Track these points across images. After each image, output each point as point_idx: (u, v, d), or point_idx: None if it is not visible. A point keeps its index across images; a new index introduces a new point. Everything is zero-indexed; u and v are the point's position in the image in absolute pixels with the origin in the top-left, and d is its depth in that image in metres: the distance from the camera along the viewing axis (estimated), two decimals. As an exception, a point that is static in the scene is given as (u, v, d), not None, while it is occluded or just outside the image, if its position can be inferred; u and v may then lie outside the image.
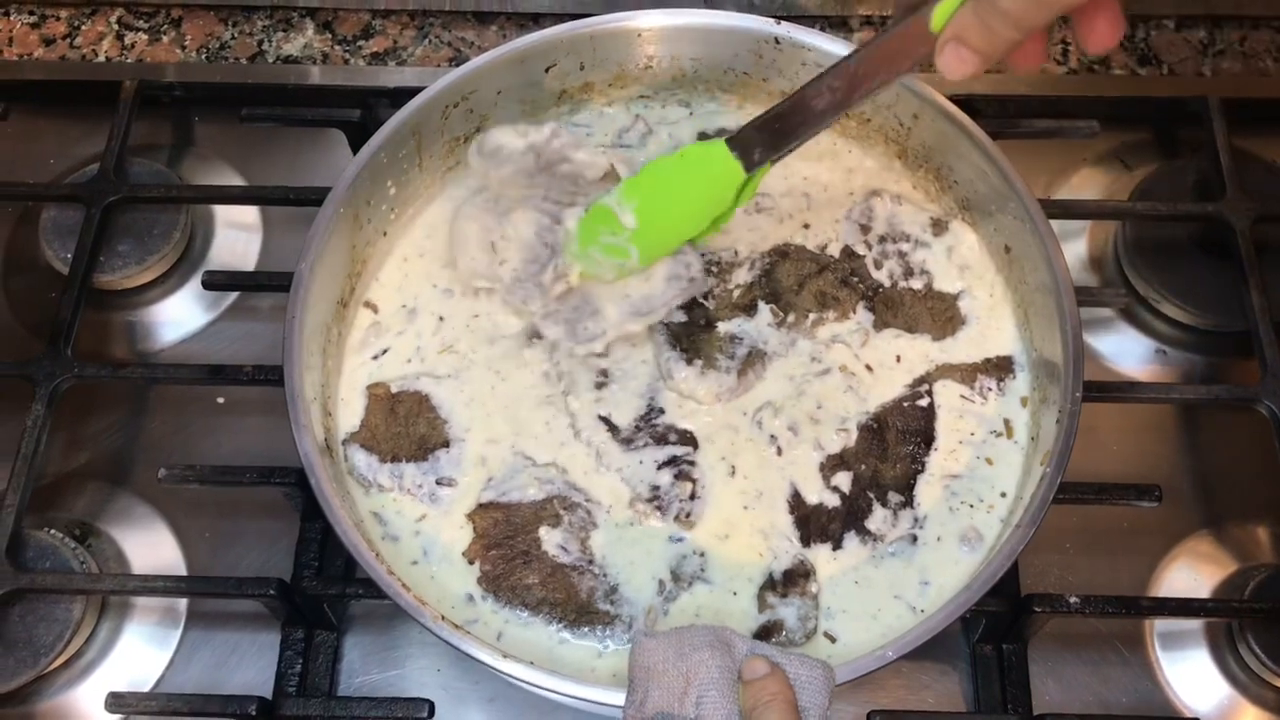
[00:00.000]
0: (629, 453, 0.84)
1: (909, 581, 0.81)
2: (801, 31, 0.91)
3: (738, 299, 0.90)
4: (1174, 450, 0.99)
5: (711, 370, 0.86)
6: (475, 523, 0.82)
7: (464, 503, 0.83)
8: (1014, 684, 0.87)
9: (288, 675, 0.87)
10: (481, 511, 0.82)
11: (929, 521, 0.83)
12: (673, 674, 0.66)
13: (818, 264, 0.91)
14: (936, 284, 0.91)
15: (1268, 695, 0.89)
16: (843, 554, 0.82)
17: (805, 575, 0.80)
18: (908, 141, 0.93)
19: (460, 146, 0.94)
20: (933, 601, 0.79)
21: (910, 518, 0.83)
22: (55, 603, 0.88)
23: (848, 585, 0.81)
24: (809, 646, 0.79)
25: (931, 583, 0.81)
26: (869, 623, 0.79)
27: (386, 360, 0.89)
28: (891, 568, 0.81)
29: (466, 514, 0.82)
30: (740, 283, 0.91)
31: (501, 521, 0.82)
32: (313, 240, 0.83)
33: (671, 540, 0.82)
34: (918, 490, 0.84)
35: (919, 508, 0.83)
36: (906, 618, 0.79)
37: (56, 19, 1.20)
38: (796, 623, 0.79)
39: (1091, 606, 0.84)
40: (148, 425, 1.00)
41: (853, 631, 0.79)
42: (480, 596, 0.80)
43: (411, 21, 1.20)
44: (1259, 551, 0.94)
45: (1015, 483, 0.83)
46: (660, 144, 0.97)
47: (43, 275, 1.04)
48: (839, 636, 0.79)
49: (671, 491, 0.83)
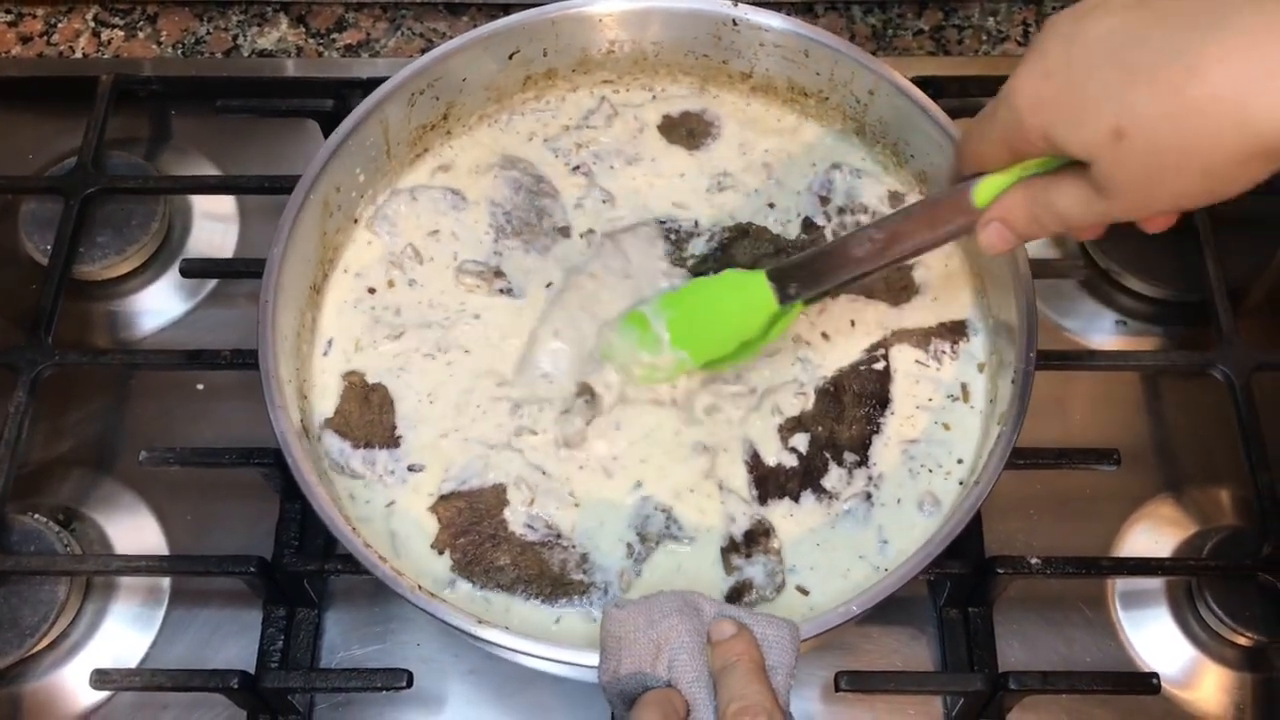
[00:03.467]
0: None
1: (869, 541, 0.83)
2: (757, 13, 0.93)
3: (691, 268, 0.92)
4: (1135, 418, 1.01)
5: None
6: (439, 514, 0.83)
7: (427, 495, 0.84)
8: (980, 646, 0.89)
9: (270, 652, 0.89)
10: (444, 502, 0.84)
11: (885, 482, 0.85)
12: (643, 641, 0.68)
13: (775, 245, 0.93)
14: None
15: (1227, 652, 0.91)
16: (800, 511, 0.84)
17: (765, 533, 0.82)
18: (865, 117, 0.95)
19: (428, 134, 0.96)
20: (893, 561, 0.81)
21: (864, 476, 0.85)
22: (40, 585, 0.90)
23: (809, 546, 0.83)
24: (782, 600, 0.80)
25: (891, 543, 0.82)
26: (840, 581, 0.81)
27: (346, 350, 0.90)
28: (848, 528, 0.83)
29: (428, 508, 0.83)
30: (696, 253, 0.93)
31: (465, 509, 0.83)
32: (283, 226, 0.85)
33: (632, 499, 0.83)
34: (873, 451, 0.86)
35: (874, 467, 0.85)
36: (874, 577, 0.81)
37: (33, 17, 1.22)
38: (765, 579, 0.81)
39: (1053, 567, 0.86)
40: (129, 412, 1.01)
41: (824, 585, 0.81)
42: (456, 582, 0.81)
43: (384, 14, 1.22)
44: (1218, 514, 0.96)
45: (973, 449, 0.85)
46: (626, 126, 0.99)
47: (23, 267, 1.06)
48: (811, 590, 0.81)
49: (576, 403, 0.85)
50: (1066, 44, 0.61)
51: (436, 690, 0.90)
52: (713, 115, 1.00)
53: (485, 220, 0.95)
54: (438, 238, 0.94)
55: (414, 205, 0.94)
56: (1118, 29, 0.59)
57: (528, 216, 0.95)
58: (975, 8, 1.22)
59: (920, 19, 1.21)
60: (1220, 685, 0.90)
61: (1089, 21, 0.60)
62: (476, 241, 0.94)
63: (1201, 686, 0.90)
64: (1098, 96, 0.59)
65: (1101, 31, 0.59)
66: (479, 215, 0.95)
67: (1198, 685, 0.90)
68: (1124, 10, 0.59)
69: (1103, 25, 0.60)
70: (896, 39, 1.20)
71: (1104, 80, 0.59)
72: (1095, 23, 0.60)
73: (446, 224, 0.94)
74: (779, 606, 0.80)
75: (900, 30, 1.21)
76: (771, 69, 0.97)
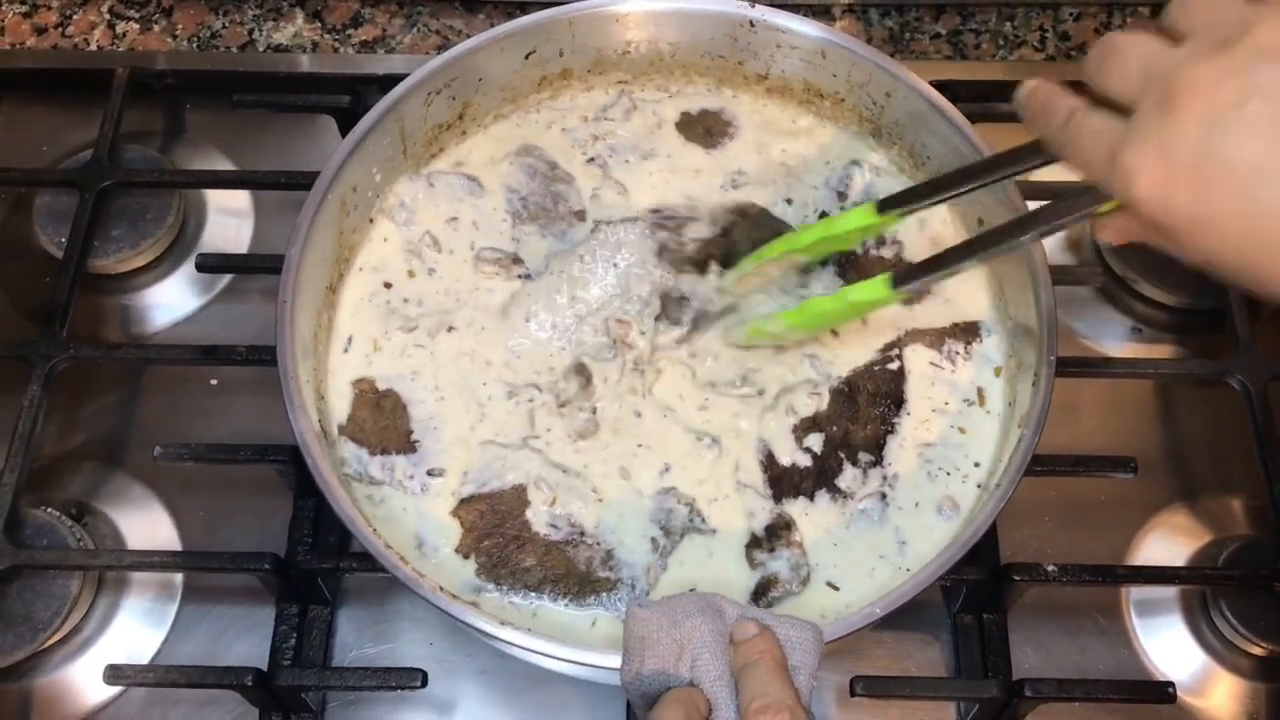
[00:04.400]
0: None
1: (887, 541, 0.83)
2: (775, 14, 0.93)
3: (690, 253, 0.91)
4: (1150, 426, 1.01)
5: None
6: (461, 518, 0.83)
7: (449, 498, 0.84)
8: (994, 652, 0.88)
9: (282, 649, 0.89)
10: (465, 506, 0.83)
11: (901, 483, 0.84)
12: (666, 641, 0.68)
13: (774, 230, 0.92)
14: (906, 254, 0.92)
15: (1241, 662, 0.91)
16: (815, 511, 0.84)
17: (787, 526, 0.82)
18: (881, 119, 0.95)
19: (444, 133, 0.96)
20: (915, 563, 0.81)
21: (879, 476, 0.85)
22: (53, 579, 0.90)
23: (827, 546, 0.82)
24: (812, 596, 0.80)
25: (910, 544, 0.82)
26: (867, 580, 0.81)
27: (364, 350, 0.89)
28: (864, 528, 0.83)
29: (450, 511, 0.83)
30: (696, 237, 0.92)
31: (487, 512, 0.83)
32: (301, 224, 0.84)
33: (653, 492, 0.83)
34: (888, 451, 0.86)
35: (889, 467, 0.85)
36: (899, 577, 0.81)
37: (48, 9, 1.22)
38: (790, 573, 0.80)
39: (1069, 575, 0.86)
40: (142, 407, 1.01)
41: (853, 582, 0.81)
42: (481, 587, 0.81)
43: (400, 10, 1.22)
44: (1233, 523, 0.96)
45: (991, 452, 0.85)
46: (644, 121, 0.99)
47: (37, 260, 1.06)
48: (841, 586, 0.81)
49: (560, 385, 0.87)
50: (1197, 159, 0.57)
51: (449, 689, 0.90)
52: (730, 115, 0.99)
53: (502, 207, 0.95)
54: (456, 225, 0.94)
55: (431, 192, 0.94)
56: (1261, 152, 0.55)
57: (544, 202, 0.95)
58: (992, 12, 1.21)
59: (937, 23, 1.21)
60: (1234, 695, 0.90)
61: (1232, 138, 0.56)
62: (494, 228, 0.94)
63: (1215, 695, 0.90)
64: (1224, 230, 0.57)
65: (1244, 155, 0.56)
66: (496, 203, 0.95)
67: (1212, 694, 0.90)
68: (1270, 128, 0.55)
69: (1245, 148, 0.56)
70: (914, 43, 1.20)
71: (1235, 214, 0.57)
72: (1238, 142, 0.56)
73: (465, 211, 0.94)
74: (808, 602, 0.80)
75: (917, 34, 1.20)
76: (788, 70, 0.96)
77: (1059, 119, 0.65)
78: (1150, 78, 0.59)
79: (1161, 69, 0.59)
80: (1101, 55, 0.62)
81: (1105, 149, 0.60)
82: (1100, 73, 0.62)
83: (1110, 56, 0.62)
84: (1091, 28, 1.21)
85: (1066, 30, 1.21)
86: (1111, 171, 0.60)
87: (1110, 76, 0.62)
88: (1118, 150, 0.59)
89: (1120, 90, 0.61)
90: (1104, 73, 0.62)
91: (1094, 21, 1.21)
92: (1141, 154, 0.58)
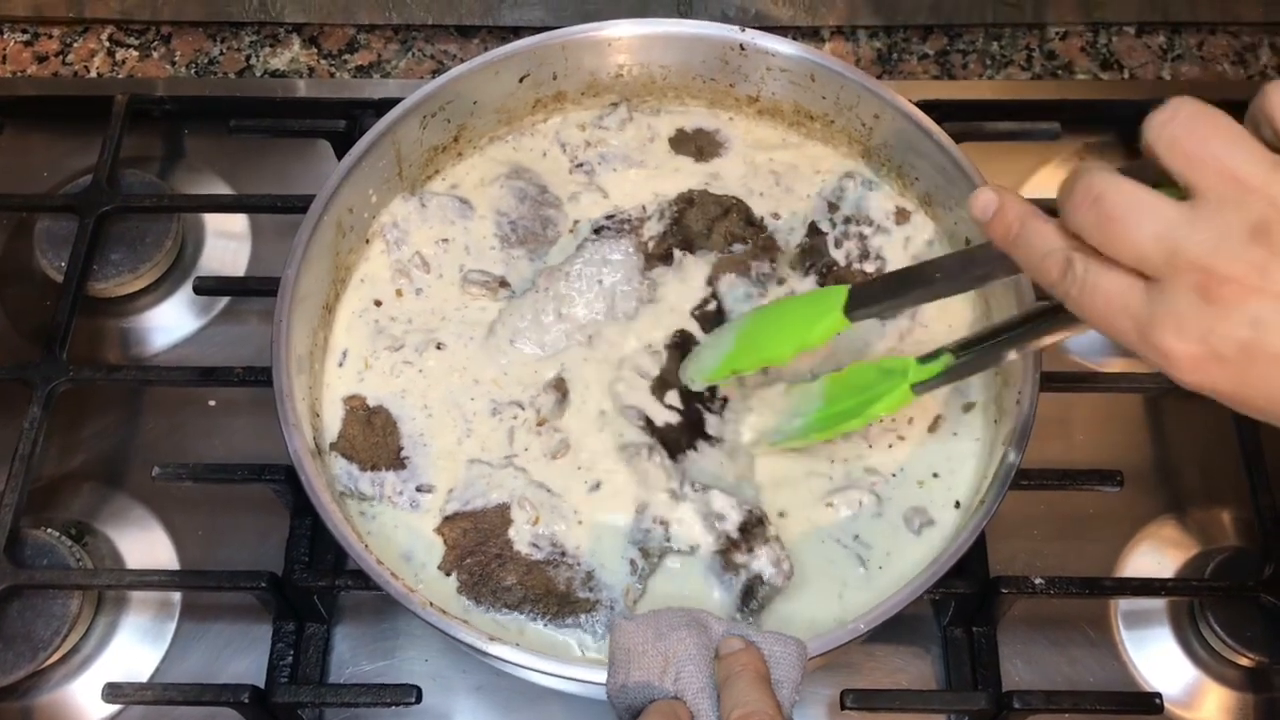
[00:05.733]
0: None
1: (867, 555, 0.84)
2: (765, 38, 0.95)
3: (653, 250, 0.93)
4: (1137, 439, 1.02)
5: None
6: (445, 535, 0.84)
7: (435, 516, 0.85)
8: (984, 665, 0.89)
9: (279, 667, 0.90)
10: (449, 523, 0.84)
11: (885, 495, 0.85)
12: (652, 654, 0.69)
13: (721, 206, 0.94)
14: (887, 270, 0.94)
15: (1228, 673, 0.91)
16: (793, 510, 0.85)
17: (760, 521, 0.82)
18: (870, 141, 0.96)
19: (439, 155, 0.97)
20: (894, 579, 0.81)
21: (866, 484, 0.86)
22: (53, 599, 0.91)
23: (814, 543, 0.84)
24: (799, 601, 0.81)
25: (886, 554, 0.83)
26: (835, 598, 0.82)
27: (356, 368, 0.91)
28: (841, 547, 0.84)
29: (434, 529, 0.84)
30: (652, 234, 0.94)
31: (470, 530, 0.84)
32: (297, 247, 0.86)
33: (628, 515, 0.84)
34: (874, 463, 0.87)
35: (874, 477, 0.86)
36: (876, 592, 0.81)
37: (49, 36, 1.23)
38: (773, 568, 0.80)
39: (1056, 587, 0.87)
40: (141, 428, 1.02)
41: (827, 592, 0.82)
42: (464, 605, 0.82)
43: (395, 35, 1.24)
44: (1220, 534, 0.97)
45: (974, 468, 0.86)
46: (638, 133, 1.00)
47: (38, 284, 1.07)
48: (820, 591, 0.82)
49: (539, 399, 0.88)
50: (1246, 352, 0.55)
51: (444, 706, 0.91)
52: (724, 136, 1.01)
53: (491, 230, 0.96)
54: (447, 247, 0.95)
55: (424, 213, 0.96)
56: None
57: (533, 226, 0.96)
58: (979, 32, 1.23)
59: (925, 43, 1.23)
60: (1222, 706, 0.91)
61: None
62: (483, 251, 0.95)
63: (1203, 707, 0.91)
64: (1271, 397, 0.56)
65: None
66: (486, 227, 0.96)
67: (1200, 705, 0.91)
68: None
69: None
70: (902, 63, 1.21)
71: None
72: None
73: (455, 233, 0.96)
74: (797, 611, 0.81)
75: (905, 55, 1.22)
76: (778, 93, 0.98)
77: (1054, 267, 0.60)
78: (1175, 256, 0.55)
79: (1190, 251, 0.55)
80: (1100, 219, 0.58)
81: (1131, 322, 0.57)
82: (1104, 235, 0.58)
83: (1112, 223, 0.57)
84: (1078, 46, 1.22)
85: (1053, 49, 1.22)
86: (1144, 347, 0.57)
87: (1119, 244, 0.57)
88: (1148, 328, 0.56)
89: (1133, 261, 0.57)
90: (1110, 237, 0.57)
91: (1080, 40, 1.23)
92: (1182, 341, 0.56)
